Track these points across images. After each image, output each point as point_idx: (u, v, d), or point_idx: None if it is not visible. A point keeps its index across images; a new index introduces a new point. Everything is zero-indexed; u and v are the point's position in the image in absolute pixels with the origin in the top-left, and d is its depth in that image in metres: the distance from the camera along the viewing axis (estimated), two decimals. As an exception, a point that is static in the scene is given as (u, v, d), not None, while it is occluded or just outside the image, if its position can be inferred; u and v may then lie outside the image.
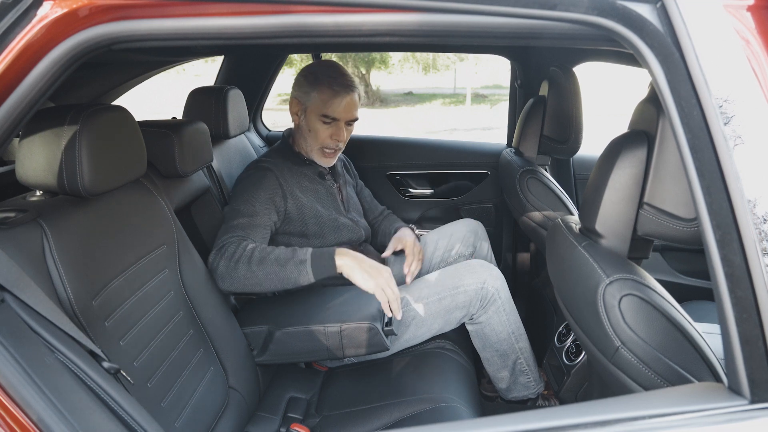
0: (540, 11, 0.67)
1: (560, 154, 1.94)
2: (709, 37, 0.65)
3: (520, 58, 2.29)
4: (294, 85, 1.75)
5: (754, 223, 0.64)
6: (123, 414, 0.80)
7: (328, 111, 1.68)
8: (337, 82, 1.67)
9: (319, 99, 1.67)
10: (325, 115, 1.68)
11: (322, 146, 1.73)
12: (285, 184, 1.67)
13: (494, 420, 0.68)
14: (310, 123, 1.71)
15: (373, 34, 0.74)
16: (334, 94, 1.67)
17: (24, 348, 0.74)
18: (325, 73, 1.69)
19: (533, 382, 1.76)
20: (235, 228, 1.51)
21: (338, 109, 1.68)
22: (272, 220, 1.61)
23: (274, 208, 1.62)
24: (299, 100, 1.72)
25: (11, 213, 1.00)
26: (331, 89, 1.66)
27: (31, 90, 0.74)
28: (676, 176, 0.89)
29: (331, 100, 1.67)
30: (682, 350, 0.86)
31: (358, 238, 1.81)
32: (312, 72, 1.71)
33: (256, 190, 1.61)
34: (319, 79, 1.68)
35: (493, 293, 1.65)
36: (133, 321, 1.13)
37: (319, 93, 1.67)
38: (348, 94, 1.68)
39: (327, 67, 1.73)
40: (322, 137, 1.71)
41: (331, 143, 1.73)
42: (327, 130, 1.71)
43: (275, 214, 1.62)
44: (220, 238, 1.50)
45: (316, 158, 1.77)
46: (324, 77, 1.68)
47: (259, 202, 1.59)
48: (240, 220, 1.53)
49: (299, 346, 1.44)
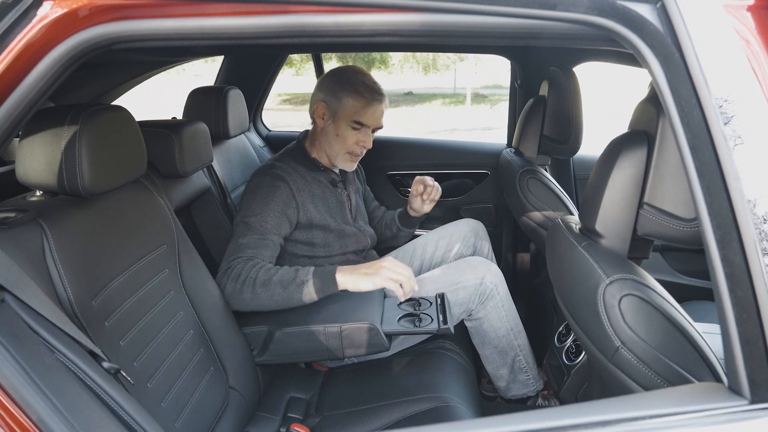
0: (540, 11, 0.67)
1: (560, 154, 1.94)
2: (709, 37, 0.65)
3: (520, 58, 2.29)
4: (321, 88, 1.72)
5: (754, 223, 0.64)
6: (123, 414, 0.80)
7: (361, 118, 1.67)
8: (371, 90, 1.67)
9: (353, 105, 1.66)
10: (357, 122, 1.67)
11: (348, 151, 1.72)
12: (298, 194, 1.65)
13: (494, 420, 0.68)
14: (339, 128, 1.69)
15: (373, 34, 0.74)
16: (369, 101, 1.66)
17: (24, 348, 0.74)
18: (358, 79, 1.68)
19: (532, 380, 1.76)
20: (243, 248, 1.51)
21: (371, 117, 1.68)
22: (283, 235, 1.60)
23: (287, 220, 1.61)
24: (328, 104, 1.69)
25: (11, 213, 1.00)
26: (365, 97, 1.66)
27: (31, 90, 0.74)
28: (676, 176, 0.89)
29: (365, 108, 1.66)
30: (682, 350, 0.86)
31: (363, 247, 1.81)
32: (345, 77, 1.69)
33: (269, 202, 1.59)
34: (353, 85, 1.67)
35: (492, 289, 1.66)
36: (133, 321, 1.13)
37: (354, 99, 1.66)
38: (381, 102, 1.69)
39: (359, 73, 1.71)
40: (349, 143, 1.70)
41: (357, 149, 1.72)
42: (355, 137, 1.70)
43: (287, 227, 1.62)
44: (228, 258, 1.50)
45: (340, 163, 1.75)
46: (359, 84, 1.67)
47: (272, 216, 1.57)
48: (250, 237, 1.52)
49: (299, 346, 1.44)
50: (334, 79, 1.70)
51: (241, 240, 1.52)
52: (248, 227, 1.55)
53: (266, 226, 1.55)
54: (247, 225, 1.55)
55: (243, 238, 1.53)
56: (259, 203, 1.58)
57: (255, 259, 1.49)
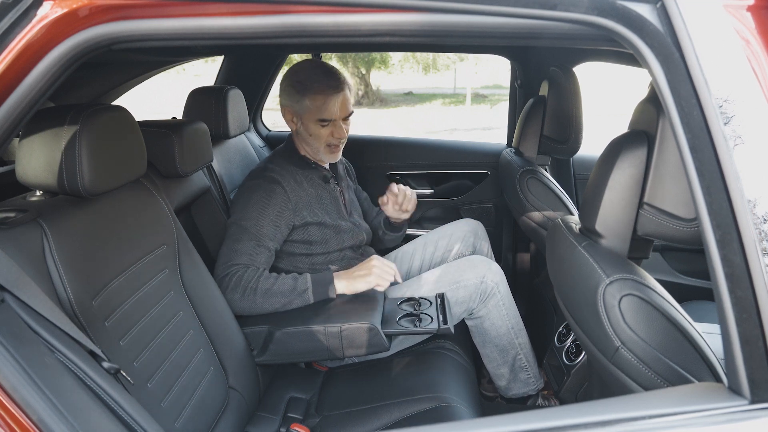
0: (540, 11, 0.67)
1: (560, 154, 1.94)
2: (709, 37, 0.65)
3: (520, 58, 2.29)
4: (281, 93, 1.71)
5: (754, 223, 0.64)
6: (123, 414, 0.80)
7: (324, 115, 1.66)
8: (326, 85, 1.64)
9: (312, 105, 1.65)
10: (321, 119, 1.66)
11: (326, 144, 1.73)
12: (292, 195, 1.65)
13: (494, 420, 0.68)
14: (309, 128, 1.69)
15: (373, 34, 0.74)
16: (326, 97, 1.64)
17: (24, 348, 0.74)
18: (311, 77, 1.65)
19: (533, 379, 1.76)
20: (239, 254, 1.52)
21: (333, 111, 1.66)
22: (278, 241, 1.61)
23: (284, 223, 1.62)
24: (291, 108, 1.69)
25: (11, 213, 1.00)
26: (322, 94, 1.64)
27: (31, 90, 0.74)
28: (676, 176, 0.89)
29: (324, 105, 1.65)
30: (682, 350, 0.86)
31: (359, 242, 1.82)
32: (298, 79, 1.66)
33: (265, 207, 1.59)
34: (307, 85, 1.64)
35: (493, 287, 1.67)
36: (133, 321, 1.13)
37: (311, 100, 1.64)
38: (339, 93, 1.66)
39: (311, 69, 1.67)
40: (324, 138, 1.71)
41: (333, 140, 1.73)
42: (326, 131, 1.70)
43: (284, 229, 1.63)
44: (225, 263, 1.51)
45: (323, 156, 1.76)
46: (312, 82, 1.64)
47: (268, 220, 1.58)
48: (246, 243, 1.54)
49: (299, 346, 1.44)
50: (290, 81, 1.68)
51: (237, 245, 1.54)
52: (244, 231, 1.56)
53: (263, 232, 1.56)
54: (242, 229, 1.56)
55: (238, 243, 1.54)
56: (256, 208, 1.59)
57: (251, 267, 1.51)
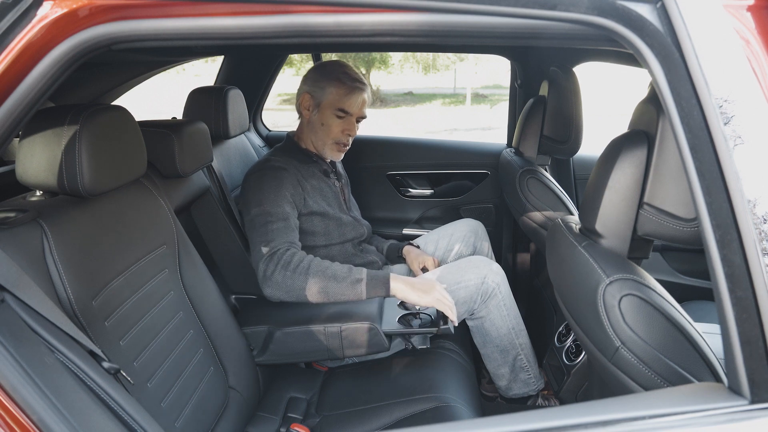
0: (540, 11, 0.67)
1: (560, 154, 1.94)
2: (709, 37, 0.65)
3: (520, 58, 2.29)
4: (305, 81, 1.79)
5: (754, 223, 0.64)
6: (123, 414, 0.80)
7: (344, 105, 1.72)
8: (353, 78, 1.73)
9: (335, 93, 1.72)
10: (340, 109, 1.72)
11: (334, 140, 1.77)
12: (301, 181, 1.70)
13: (494, 420, 0.68)
14: (324, 117, 1.74)
15: (373, 34, 0.74)
16: (351, 89, 1.72)
17: (24, 348, 0.74)
18: (339, 69, 1.74)
19: (533, 379, 1.76)
20: (276, 233, 1.53)
21: (354, 105, 1.73)
22: (297, 220, 1.64)
23: (297, 204, 1.66)
24: (312, 95, 1.75)
25: (11, 213, 1.00)
26: (347, 85, 1.72)
27: (31, 90, 0.74)
28: (676, 176, 0.89)
29: (348, 95, 1.72)
30: (682, 350, 0.86)
31: (360, 236, 1.84)
32: (326, 68, 1.76)
33: (280, 189, 1.62)
34: (334, 74, 1.73)
35: (494, 288, 1.67)
36: (133, 321, 1.13)
37: (336, 88, 1.72)
38: (363, 91, 1.75)
39: (340, 65, 1.78)
40: (335, 132, 1.75)
41: (342, 138, 1.77)
42: (340, 125, 1.75)
43: (297, 213, 1.65)
44: (267, 243, 1.51)
45: (327, 153, 1.79)
46: (339, 73, 1.73)
47: (286, 202, 1.61)
48: (277, 224, 1.55)
49: (299, 346, 1.44)
50: (317, 71, 1.77)
51: (269, 228, 1.54)
52: (269, 215, 1.57)
53: (286, 211, 1.59)
54: (266, 213, 1.57)
55: (269, 225, 1.55)
56: (271, 191, 1.61)
57: (293, 246, 1.52)
